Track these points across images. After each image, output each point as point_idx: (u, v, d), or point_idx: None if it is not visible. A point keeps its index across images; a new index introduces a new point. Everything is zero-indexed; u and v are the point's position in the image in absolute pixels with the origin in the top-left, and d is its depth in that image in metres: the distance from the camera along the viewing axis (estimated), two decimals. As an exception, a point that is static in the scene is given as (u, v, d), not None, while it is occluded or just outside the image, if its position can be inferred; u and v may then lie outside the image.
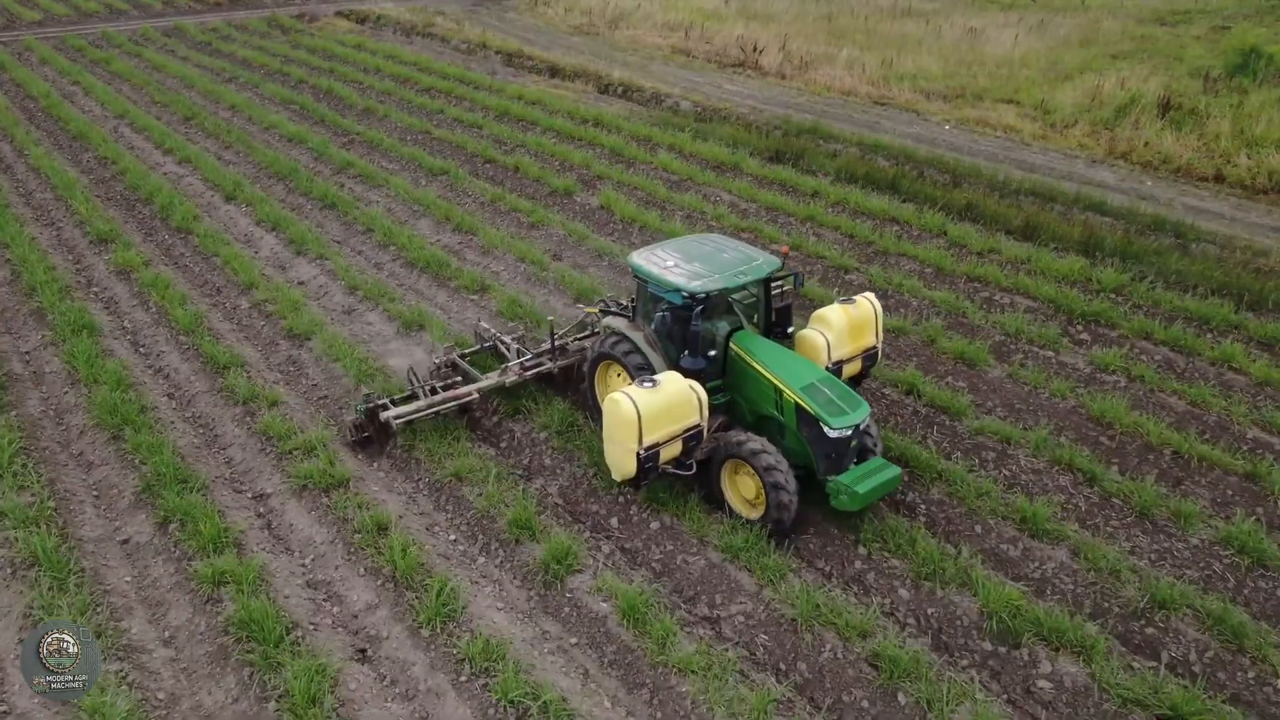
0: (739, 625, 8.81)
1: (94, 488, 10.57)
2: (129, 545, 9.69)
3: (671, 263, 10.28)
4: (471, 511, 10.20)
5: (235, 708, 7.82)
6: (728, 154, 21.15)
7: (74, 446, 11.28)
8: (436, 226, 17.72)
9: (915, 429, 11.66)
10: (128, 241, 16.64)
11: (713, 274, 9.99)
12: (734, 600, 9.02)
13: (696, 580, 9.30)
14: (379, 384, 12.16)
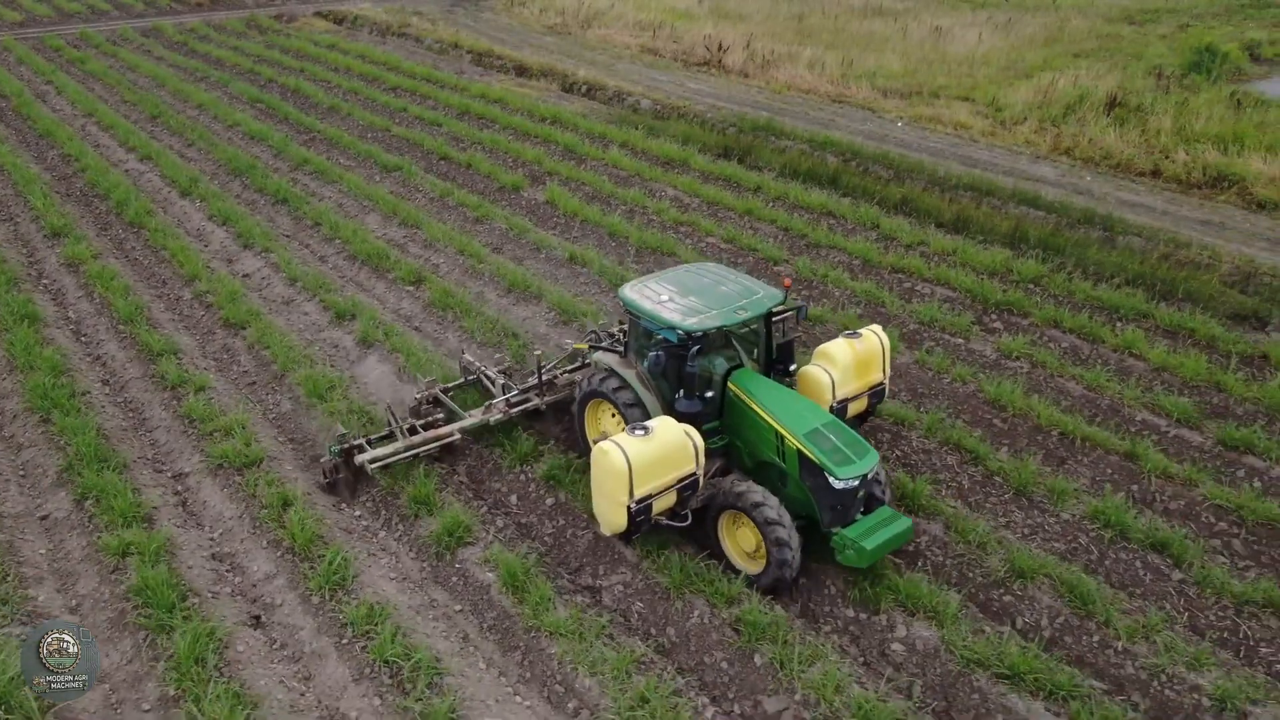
0: (617, 594, 9.27)
1: (21, 468, 11.04)
2: (47, 520, 10.16)
3: (666, 297, 9.66)
4: (377, 489, 10.66)
5: (129, 668, 8.28)
6: (678, 150, 21.62)
7: (6, 430, 11.75)
8: (384, 221, 18.19)
9: (817, 412, 12.09)
10: (80, 236, 17.11)
11: (710, 309, 9.38)
12: (615, 571, 9.47)
13: (583, 553, 9.76)
14: (301, 373, 12.60)
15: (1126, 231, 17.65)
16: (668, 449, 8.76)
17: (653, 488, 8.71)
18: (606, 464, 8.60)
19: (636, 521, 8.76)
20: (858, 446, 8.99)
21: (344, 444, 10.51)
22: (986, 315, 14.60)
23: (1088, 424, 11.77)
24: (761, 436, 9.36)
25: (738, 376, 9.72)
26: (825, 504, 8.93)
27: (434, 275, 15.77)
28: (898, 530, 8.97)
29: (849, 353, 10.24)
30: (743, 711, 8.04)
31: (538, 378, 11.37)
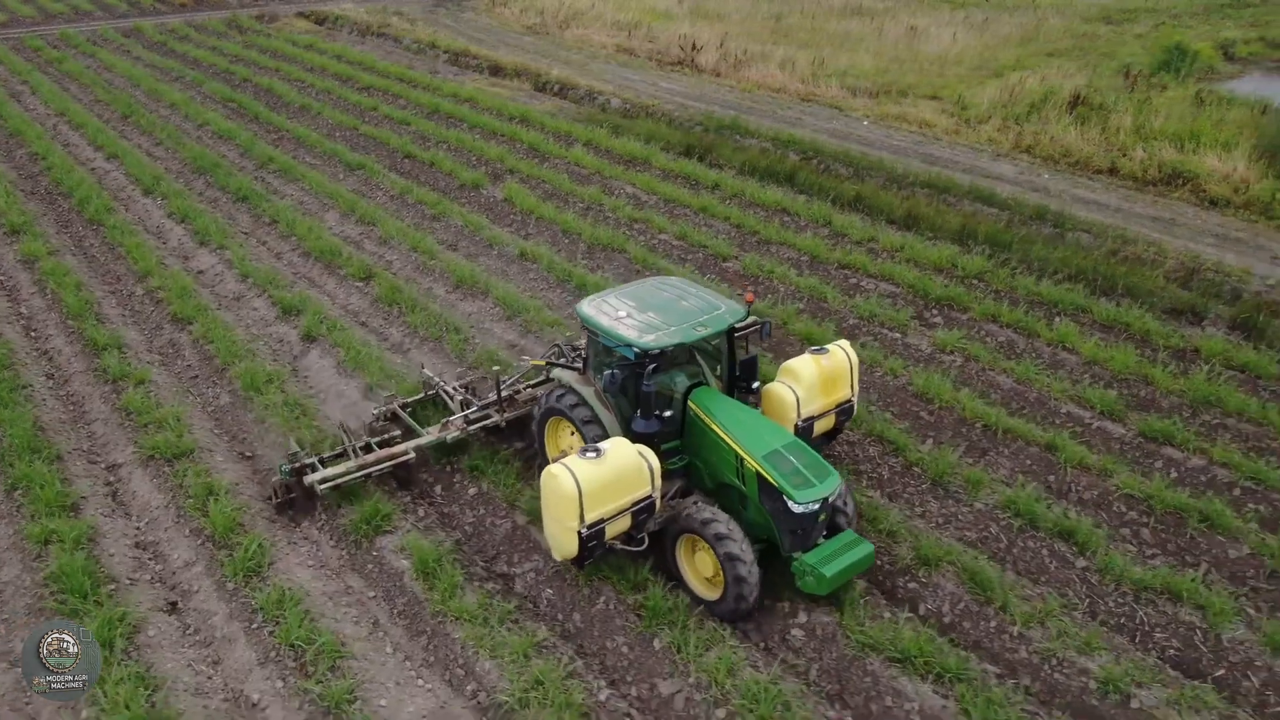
0: (529, 581, 9.45)
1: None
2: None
3: (624, 312, 9.39)
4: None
5: (41, 652, 8.44)
6: (640, 149, 21.79)
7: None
8: (342, 218, 18.38)
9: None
10: (38, 233, 17.31)
11: (669, 326, 9.10)
12: (528, 559, 9.65)
13: (500, 541, 9.94)
14: (241, 367, 12.77)
15: (1076, 228, 17.80)
16: (620, 472, 8.40)
17: (605, 512, 8.36)
18: (555, 488, 8.26)
19: (588, 547, 8.40)
20: (819, 469, 8.69)
21: (295, 463, 10.15)
22: (927, 310, 14.76)
23: (1011, 416, 11.93)
24: (721, 458, 9.07)
25: (698, 395, 9.39)
26: (785, 528, 8.65)
27: (385, 271, 15.95)
28: (859, 556, 8.71)
29: (814, 369, 9.89)
30: (639, 694, 8.21)
31: (497, 394, 10.99)
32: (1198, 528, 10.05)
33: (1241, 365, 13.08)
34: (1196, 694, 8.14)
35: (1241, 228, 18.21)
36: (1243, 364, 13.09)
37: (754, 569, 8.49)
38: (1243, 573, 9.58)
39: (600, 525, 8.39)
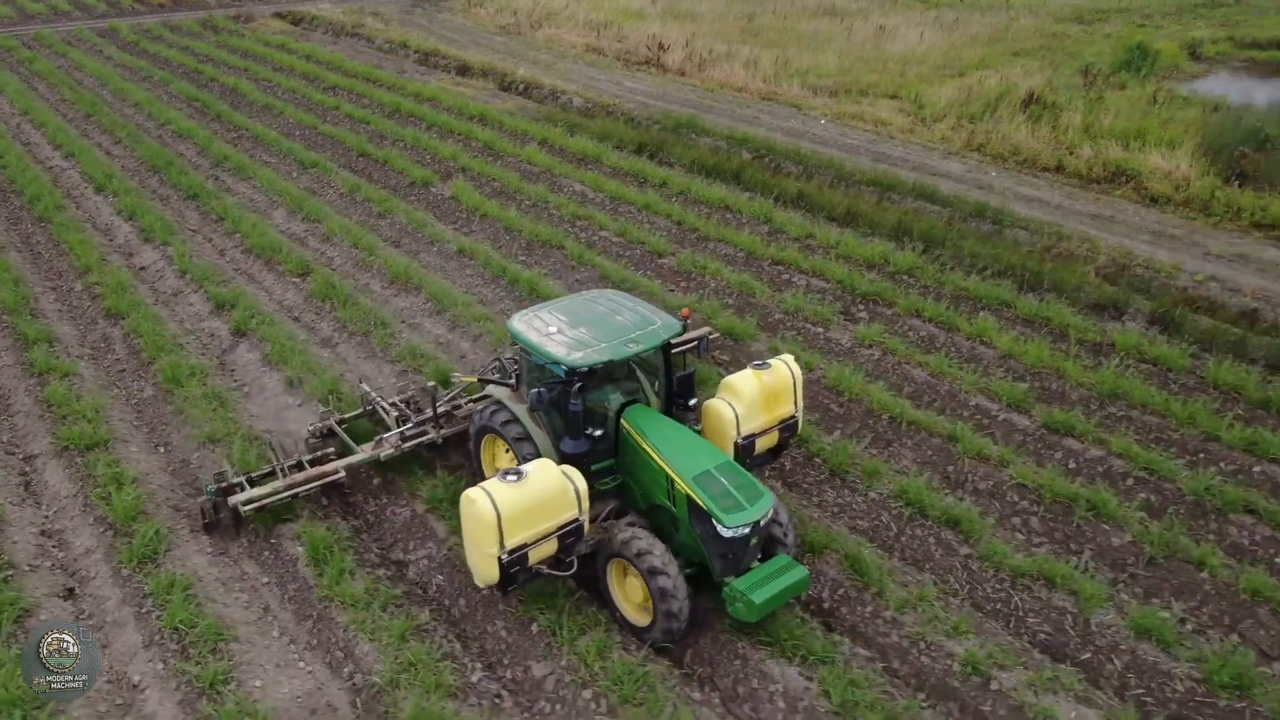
0: (421, 567, 9.65)
1: (-123, 451, 11.42)
2: (-109, 499, 10.53)
3: (554, 328, 9.09)
4: (217, 469, 11.01)
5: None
6: (594, 147, 21.98)
7: None
8: (289, 215, 18.58)
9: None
10: (-16, 229, 17.53)
11: (599, 343, 8.79)
12: (423, 546, 9.85)
13: (399, 529, 10.14)
14: (166, 360, 12.96)
15: (1014, 225, 17.99)
16: (544, 495, 8.07)
17: (527, 537, 8.03)
18: (473, 513, 7.95)
19: (510, 573, 8.07)
20: (750, 491, 8.38)
21: (221, 483, 9.99)
22: (854, 305, 14.95)
23: (919, 409, 12.12)
24: (652, 478, 8.77)
25: (631, 413, 9.08)
26: (715, 553, 8.35)
27: (324, 267, 16.14)
28: (792, 581, 8.39)
29: (755, 385, 9.52)
30: (513, 676, 8.41)
31: (432, 410, 10.66)
32: (1084, 516, 10.24)
33: (1154, 359, 13.27)
34: (1056, 676, 8.33)
35: (1179, 225, 18.39)
36: (1155, 358, 13.27)
37: (684, 593, 8.25)
38: (1123, 560, 9.77)
39: (523, 551, 8.05)
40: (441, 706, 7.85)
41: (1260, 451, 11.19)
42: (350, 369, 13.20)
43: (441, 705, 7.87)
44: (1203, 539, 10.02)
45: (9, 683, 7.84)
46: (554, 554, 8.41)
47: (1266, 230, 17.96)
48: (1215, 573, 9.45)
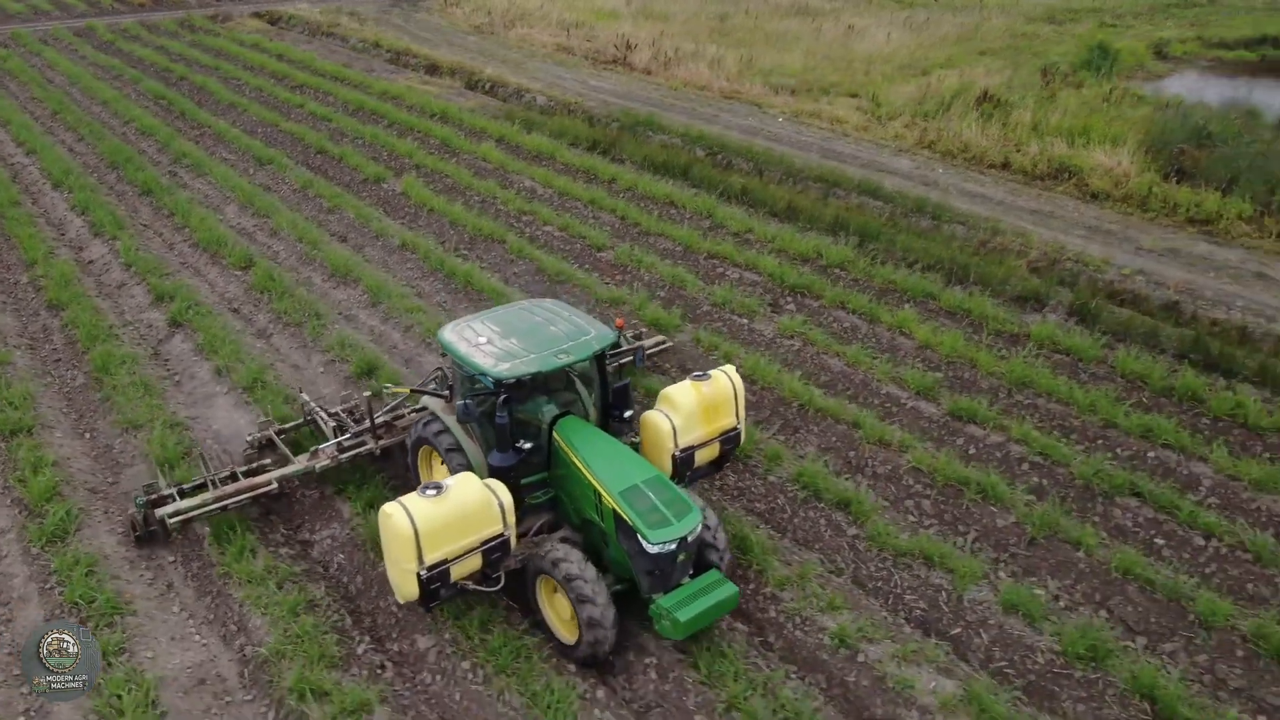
0: (325, 546, 9.95)
1: None
2: None
3: (484, 339, 8.95)
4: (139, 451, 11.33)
5: None
6: (549, 144, 22.31)
7: None
8: (240, 210, 18.88)
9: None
10: (-63, 225, 17.84)
11: (528, 354, 8.66)
12: (329, 526, 10.15)
13: (308, 509, 10.45)
14: (100, 350, 13.26)
15: (953, 220, 18.29)
16: (465, 509, 7.88)
17: (448, 552, 7.85)
18: (390, 528, 7.79)
19: (431, 589, 7.89)
20: (679, 506, 8.21)
21: (151, 494, 9.84)
22: (783, 297, 15.25)
23: (829, 396, 12.43)
24: (582, 493, 8.64)
25: (563, 426, 8.91)
26: (641, 569, 8.20)
27: (267, 261, 16.45)
28: (720, 599, 8.21)
29: (694, 396, 9.38)
30: (399, 649, 8.71)
31: (369, 420, 10.52)
32: (974, 499, 10.55)
33: (1067, 349, 13.57)
34: (921, 649, 8.64)
35: (1116, 220, 18.69)
36: (1068, 348, 13.57)
37: (609, 610, 8.10)
38: (1006, 540, 10.07)
39: (444, 567, 7.86)
40: (323, 675, 8.16)
41: (1154, 437, 11.49)
42: (281, 359, 13.52)
43: (323, 674, 8.17)
44: (1088, 520, 10.33)
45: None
46: (479, 570, 8.19)
47: (1200, 225, 18.25)
48: (1091, 552, 9.75)
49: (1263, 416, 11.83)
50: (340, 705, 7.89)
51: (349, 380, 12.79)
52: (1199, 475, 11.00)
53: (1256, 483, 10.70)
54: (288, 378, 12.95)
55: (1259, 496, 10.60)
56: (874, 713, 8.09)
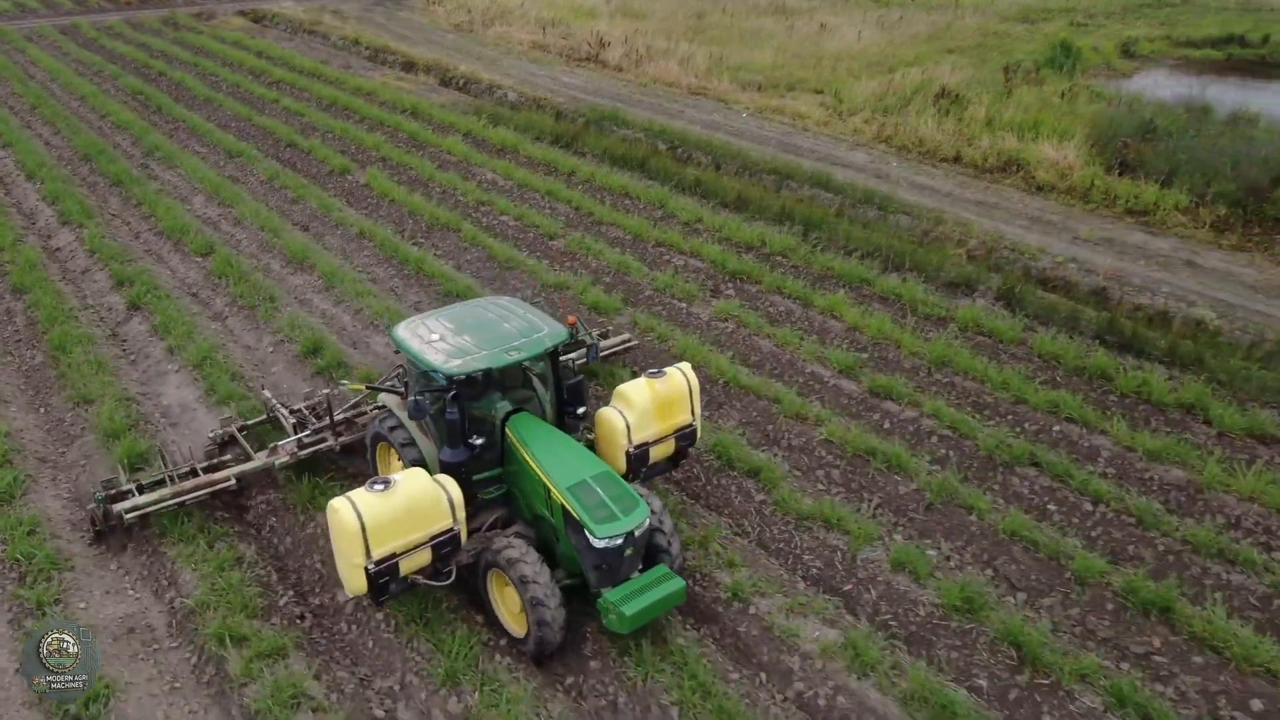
0: (260, 511, 10.49)
1: None
2: None
3: (437, 335, 9.00)
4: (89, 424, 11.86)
5: None
6: (513, 138, 22.87)
7: None
8: (207, 201, 19.43)
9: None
10: (-89, 213, 18.37)
11: (479, 350, 8.73)
12: (265, 493, 10.69)
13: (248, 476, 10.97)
14: (58, 330, 13.80)
15: (899, 210, 18.83)
16: (412, 505, 7.96)
17: (396, 547, 7.93)
18: (337, 523, 7.87)
19: (380, 584, 7.98)
20: (626, 501, 8.33)
21: (110, 490, 9.87)
22: (723, 283, 15.79)
23: (754, 375, 12.97)
24: (533, 488, 8.76)
25: (515, 422, 9.01)
26: (589, 564, 8.32)
27: (227, 248, 16.98)
28: (667, 593, 8.32)
29: (648, 394, 9.49)
30: (320, 602, 9.25)
31: (329, 417, 10.67)
32: (879, 468, 11.09)
33: (990, 331, 14.13)
34: (811, 602, 9.18)
35: (1058, 211, 19.24)
36: (991, 330, 14.13)
37: (556, 603, 8.18)
38: (905, 506, 10.61)
39: (392, 561, 7.95)
40: (243, 623, 8.70)
41: (1060, 412, 12.04)
42: (234, 340, 14.06)
43: (243, 623, 8.71)
44: (987, 488, 10.88)
45: None
46: (429, 564, 8.26)
47: (1138, 216, 18.81)
48: (984, 516, 10.30)
49: (1165, 393, 12.38)
50: (257, 649, 8.43)
51: (297, 359, 13.33)
52: (1099, 447, 11.55)
53: (1150, 453, 11.25)
54: (238, 357, 13.49)
55: (1152, 466, 11.15)
56: (760, 659, 8.62)
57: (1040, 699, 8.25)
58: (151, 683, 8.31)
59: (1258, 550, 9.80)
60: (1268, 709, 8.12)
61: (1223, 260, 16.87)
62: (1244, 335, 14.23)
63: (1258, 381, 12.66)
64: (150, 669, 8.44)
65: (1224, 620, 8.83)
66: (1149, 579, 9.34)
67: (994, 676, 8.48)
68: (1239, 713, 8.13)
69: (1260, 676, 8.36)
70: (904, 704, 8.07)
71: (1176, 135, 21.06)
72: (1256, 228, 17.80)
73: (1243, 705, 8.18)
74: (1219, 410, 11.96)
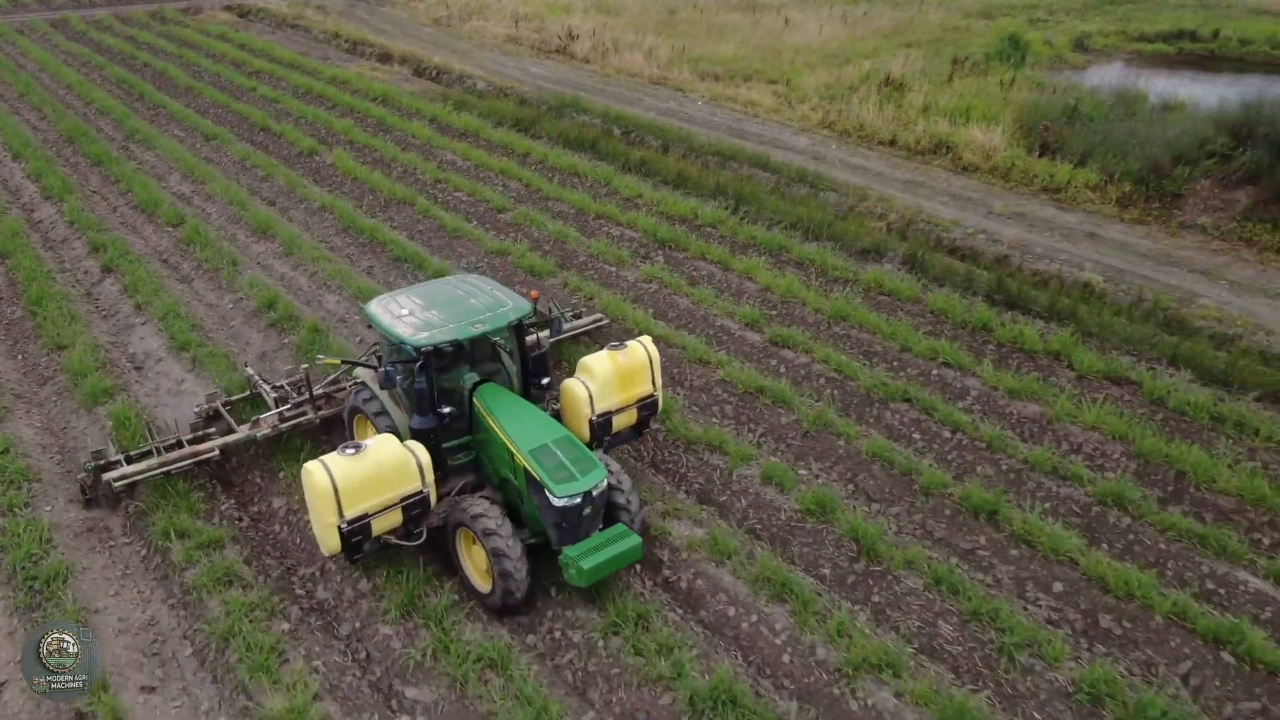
0: (209, 437, 11.77)
1: None
2: None
3: (407, 311, 9.56)
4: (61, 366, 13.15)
5: None
6: (475, 123, 24.18)
7: None
8: (182, 179, 20.73)
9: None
10: (-96, 188, 19.67)
11: (446, 324, 9.28)
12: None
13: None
14: (36, 289, 15.09)
15: (829, 188, 20.14)
16: (382, 468, 8.46)
17: (368, 507, 8.44)
18: (310, 484, 8.38)
19: (353, 542, 8.50)
20: (584, 463, 8.85)
21: (100, 460, 10.41)
22: (653, 251, 17.10)
23: (668, 328, 14.27)
24: (499, 453, 9.28)
25: (482, 392, 9.56)
26: (550, 522, 8.84)
27: (197, 219, 18.28)
28: (623, 549, 8.83)
29: (609, 365, 10.08)
30: (259, 509, 10.56)
31: (309, 391, 11.17)
32: (765, 403, 12.40)
33: (890, 291, 15.43)
34: (685, 508, 10.47)
35: (979, 189, 20.55)
36: (891, 290, 15.43)
37: (520, 558, 8.69)
38: (785, 434, 11.92)
39: (364, 520, 8.44)
40: (187, 522, 9.99)
41: (938, 358, 13.34)
42: (198, 298, 15.36)
43: (188, 521, 10.00)
44: (863, 421, 12.19)
45: None
46: (400, 525, 8.77)
47: (1052, 193, 20.14)
48: (851, 440, 11.61)
49: (1036, 342, 13.69)
50: (197, 541, 9.73)
51: (254, 314, 14.63)
52: (969, 387, 12.86)
53: (1012, 391, 12.57)
54: (200, 312, 14.79)
55: (1012, 402, 12.46)
56: (635, 553, 9.92)
57: (872, 582, 9.57)
58: (105, 570, 9.63)
59: (1088, 468, 11.11)
60: (1067, 589, 9.43)
61: (1122, 232, 18.19)
62: (1126, 296, 15.55)
63: (1122, 332, 13.99)
64: (105, 559, 9.75)
65: (1040, 521, 10.15)
66: (983, 489, 10.65)
67: (836, 565, 9.79)
68: (1042, 593, 9.45)
69: (1064, 565, 9.68)
70: (752, 584, 9.37)
71: (1098, 120, 22.40)
72: (1156, 203, 19.13)
73: (1046, 587, 9.50)
74: (1081, 356, 13.28)
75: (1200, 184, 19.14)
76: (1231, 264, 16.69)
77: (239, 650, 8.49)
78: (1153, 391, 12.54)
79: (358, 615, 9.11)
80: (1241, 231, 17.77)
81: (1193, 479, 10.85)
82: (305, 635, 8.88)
